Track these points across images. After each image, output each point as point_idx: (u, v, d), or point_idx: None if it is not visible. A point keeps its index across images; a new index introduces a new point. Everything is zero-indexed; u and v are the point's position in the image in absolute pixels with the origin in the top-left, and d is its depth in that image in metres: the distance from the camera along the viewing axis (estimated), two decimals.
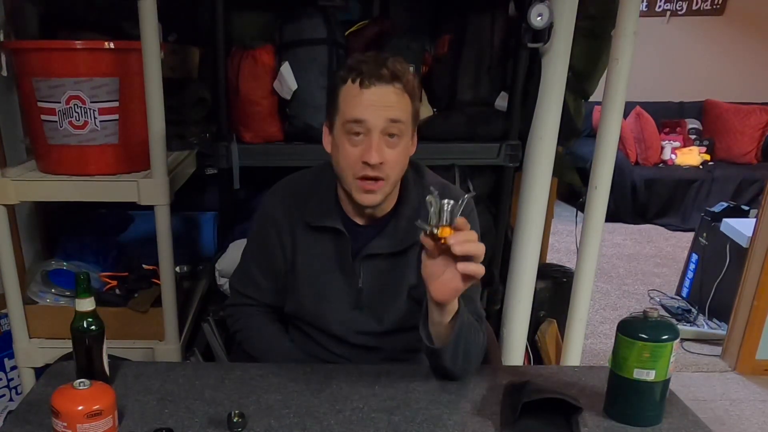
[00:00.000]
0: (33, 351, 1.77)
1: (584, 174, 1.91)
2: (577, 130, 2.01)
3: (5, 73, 1.73)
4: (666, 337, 1.01)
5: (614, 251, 4.48)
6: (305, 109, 1.81)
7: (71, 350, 1.13)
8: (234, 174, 1.82)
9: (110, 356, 1.17)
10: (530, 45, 1.74)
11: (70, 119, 1.61)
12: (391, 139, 1.15)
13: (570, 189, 2.28)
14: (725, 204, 3.44)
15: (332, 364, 1.29)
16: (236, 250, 1.66)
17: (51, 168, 1.69)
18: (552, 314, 2.20)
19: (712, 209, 3.42)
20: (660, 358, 1.01)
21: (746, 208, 3.37)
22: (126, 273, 1.87)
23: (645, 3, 5.45)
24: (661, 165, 5.35)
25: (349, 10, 2.00)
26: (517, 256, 1.91)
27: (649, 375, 1.03)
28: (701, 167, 5.25)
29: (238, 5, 1.84)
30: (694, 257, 3.51)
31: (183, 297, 1.91)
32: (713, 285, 3.28)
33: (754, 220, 2.87)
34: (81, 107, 1.60)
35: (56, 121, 1.61)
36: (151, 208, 1.65)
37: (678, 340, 1.03)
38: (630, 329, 1.03)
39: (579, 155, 3.64)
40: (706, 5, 5.52)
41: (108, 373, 1.16)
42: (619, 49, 1.63)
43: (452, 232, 0.99)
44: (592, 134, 1.93)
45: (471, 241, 1.00)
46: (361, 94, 1.13)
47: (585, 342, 1.96)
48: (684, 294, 3.61)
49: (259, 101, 1.83)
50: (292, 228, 1.30)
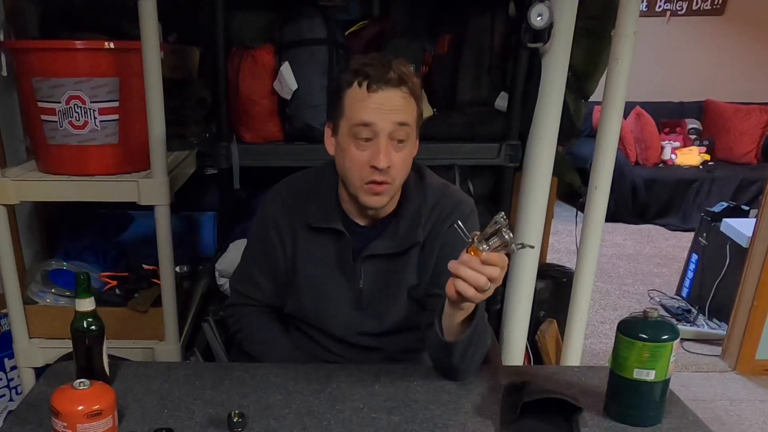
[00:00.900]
0: (33, 351, 1.77)
1: (584, 174, 1.91)
2: (577, 130, 2.00)
3: (5, 73, 1.73)
4: (666, 337, 1.01)
5: (614, 251, 4.48)
6: (305, 109, 1.81)
7: (71, 350, 1.13)
8: (234, 174, 1.82)
9: (110, 356, 1.17)
10: (530, 45, 1.74)
11: (70, 119, 1.61)
12: (398, 144, 1.15)
13: (570, 189, 2.28)
14: (725, 204, 3.44)
15: (332, 364, 1.29)
16: (236, 250, 1.66)
17: (51, 168, 1.69)
18: (552, 314, 2.20)
19: (712, 209, 3.42)
20: (660, 358, 1.01)
21: (746, 208, 3.37)
22: (126, 273, 1.87)
23: (645, 3, 5.45)
24: (661, 165, 5.34)
25: (349, 10, 2.00)
26: (517, 256, 1.91)
27: (649, 375, 1.02)
28: (701, 167, 5.24)
29: (238, 5, 1.84)
30: (694, 257, 3.51)
31: (183, 297, 1.91)
32: (713, 285, 3.28)
33: (754, 220, 2.87)
34: (81, 107, 1.60)
35: (56, 121, 1.61)
36: (151, 208, 1.65)
37: (678, 340, 1.03)
38: (630, 329, 1.03)
39: (579, 155, 3.64)
40: (706, 5, 5.52)
41: (108, 373, 1.16)
42: (619, 49, 1.63)
43: (479, 258, 0.98)
44: (592, 134, 1.93)
45: (473, 279, 0.98)
46: (369, 98, 1.12)
47: (585, 342, 1.96)
48: (684, 294, 3.61)
49: (259, 101, 1.83)
50: (293, 228, 1.30)
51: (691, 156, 5.30)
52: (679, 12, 5.55)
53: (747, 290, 2.83)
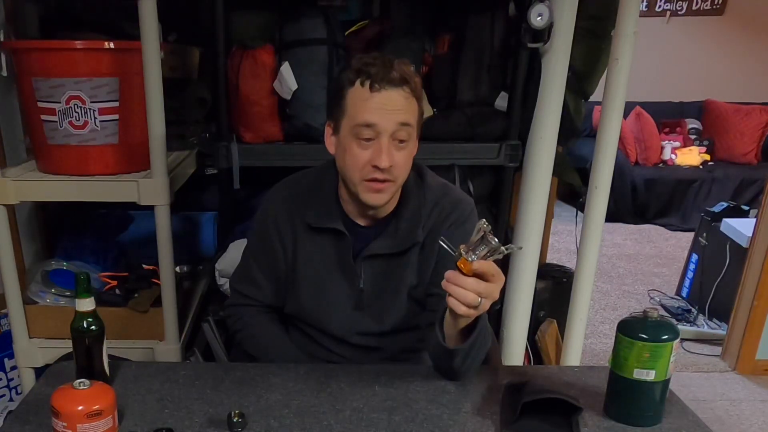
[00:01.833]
0: (33, 351, 1.77)
1: (584, 174, 1.91)
2: (577, 130, 2.00)
3: (5, 73, 1.73)
4: (666, 337, 1.01)
5: (614, 251, 4.48)
6: (305, 109, 1.81)
7: (71, 350, 1.13)
8: (234, 174, 1.82)
9: (110, 356, 1.17)
10: (530, 45, 1.75)
11: (70, 119, 1.61)
12: (400, 143, 1.15)
13: (570, 189, 2.28)
14: (725, 204, 3.44)
15: (332, 364, 1.29)
16: (236, 250, 1.66)
17: (51, 168, 1.69)
18: (552, 314, 2.20)
19: (712, 209, 3.42)
20: (660, 358, 1.01)
21: (746, 208, 3.37)
22: (126, 273, 1.87)
23: (645, 3, 5.45)
24: (661, 165, 5.35)
25: (349, 10, 2.00)
26: (517, 256, 1.91)
27: (649, 375, 1.02)
28: (701, 167, 5.25)
29: (238, 5, 1.84)
30: (694, 257, 3.51)
31: (183, 297, 1.91)
32: (713, 285, 3.28)
33: (754, 220, 2.87)
34: (81, 107, 1.60)
35: (56, 121, 1.61)
36: (151, 208, 1.65)
37: (678, 340, 1.03)
38: (630, 329, 1.03)
39: (579, 155, 3.64)
40: (706, 5, 5.52)
41: (108, 373, 1.16)
42: (619, 49, 1.63)
43: (467, 269, 0.98)
44: (592, 134, 1.93)
45: (462, 297, 0.99)
46: (372, 98, 1.12)
47: (585, 342, 1.96)
48: (684, 294, 3.61)
49: (259, 101, 1.83)
50: (293, 228, 1.30)
51: (691, 156, 5.30)
52: (679, 12, 5.56)
53: (747, 290, 2.83)
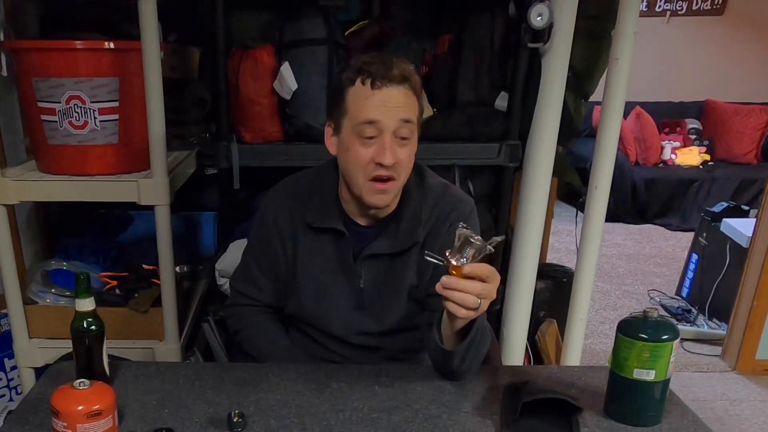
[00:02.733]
0: (33, 351, 1.77)
1: (584, 174, 1.91)
2: (577, 130, 2.00)
3: (5, 73, 1.73)
4: (666, 337, 1.01)
5: (614, 251, 4.48)
6: (305, 109, 1.81)
7: (71, 350, 1.13)
8: (234, 174, 1.82)
9: (110, 356, 1.17)
10: (530, 45, 1.74)
11: (70, 119, 1.61)
12: (402, 141, 1.15)
13: (570, 189, 2.28)
14: (725, 204, 3.44)
15: (332, 364, 1.29)
16: (236, 250, 1.66)
17: (51, 168, 1.69)
18: (552, 314, 2.20)
19: (712, 209, 3.42)
20: (660, 358, 1.01)
21: (746, 208, 3.37)
22: (126, 273, 1.86)
23: (645, 3, 5.45)
24: (661, 165, 5.35)
25: (349, 10, 2.00)
26: (517, 256, 1.91)
27: (649, 375, 1.03)
28: (701, 167, 5.25)
29: (238, 5, 1.84)
30: (694, 257, 3.51)
31: (183, 297, 1.91)
32: (713, 285, 3.28)
33: (754, 220, 2.87)
34: (81, 107, 1.60)
35: (56, 121, 1.61)
36: (151, 208, 1.65)
37: (678, 340, 1.03)
38: (630, 329, 1.03)
39: (579, 155, 3.63)
40: (706, 5, 5.52)
41: (108, 373, 1.16)
42: (619, 49, 1.63)
43: (459, 274, 1.00)
44: (592, 134, 1.93)
45: (460, 300, 1.00)
46: (373, 96, 1.13)
47: (585, 342, 1.96)
48: (684, 294, 3.61)
49: (259, 101, 1.83)
50: (293, 229, 1.30)
51: (691, 156, 5.30)
52: (679, 12, 5.56)
53: (747, 290, 2.83)
